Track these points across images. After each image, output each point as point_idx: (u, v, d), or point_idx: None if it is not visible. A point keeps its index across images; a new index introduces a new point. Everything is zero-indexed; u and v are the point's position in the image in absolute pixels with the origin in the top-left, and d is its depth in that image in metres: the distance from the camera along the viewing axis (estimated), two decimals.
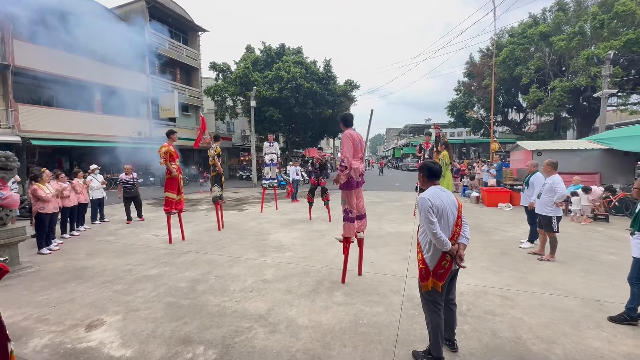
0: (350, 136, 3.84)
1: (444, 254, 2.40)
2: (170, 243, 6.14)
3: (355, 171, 3.85)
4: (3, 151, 4.84)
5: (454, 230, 2.44)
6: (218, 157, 7.09)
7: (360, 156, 3.98)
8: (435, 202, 2.41)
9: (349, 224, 4.08)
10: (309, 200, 8.48)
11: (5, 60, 13.45)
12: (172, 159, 6.12)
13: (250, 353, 2.67)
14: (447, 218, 2.43)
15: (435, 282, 2.43)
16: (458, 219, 2.47)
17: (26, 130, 13.95)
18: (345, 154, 3.80)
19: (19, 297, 3.84)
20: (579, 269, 4.51)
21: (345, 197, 4.03)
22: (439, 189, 2.51)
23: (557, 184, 4.78)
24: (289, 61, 20.90)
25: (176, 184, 6.23)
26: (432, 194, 2.45)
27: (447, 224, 2.43)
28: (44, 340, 2.92)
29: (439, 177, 2.58)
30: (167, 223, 6.32)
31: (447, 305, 2.59)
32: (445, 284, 2.47)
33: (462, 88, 28.66)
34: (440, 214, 2.40)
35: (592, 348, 2.68)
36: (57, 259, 5.41)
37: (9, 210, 4.89)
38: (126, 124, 18.50)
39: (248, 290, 3.92)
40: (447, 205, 2.43)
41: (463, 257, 2.42)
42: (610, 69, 14.24)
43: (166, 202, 6.22)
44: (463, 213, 2.52)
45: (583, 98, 20.85)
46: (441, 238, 2.33)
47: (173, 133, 6.29)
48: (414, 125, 53.65)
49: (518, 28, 23.33)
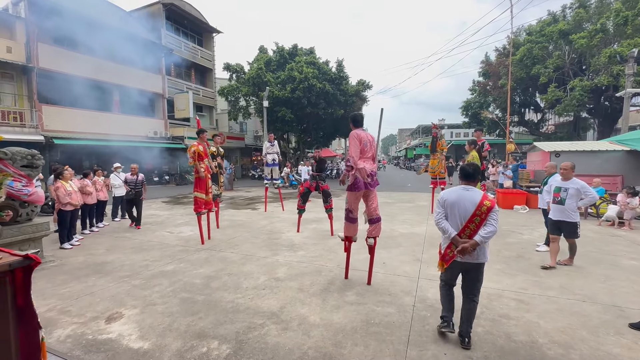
0: (357, 136, 3.77)
1: (451, 243, 2.74)
2: (203, 244, 6.04)
3: (362, 172, 3.71)
4: (29, 150, 5.07)
5: (465, 226, 2.68)
6: (214, 158, 6.85)
7: (369, 156, 3.88)
8: (449, 196, 2.77)
9: (348, 224, 4.05)
10: (299, 207, 6.89)
11: (30, 63, 14.03)
12: (201, 159, 6.04)
13: (263, 349, 2.72)
14: (456, 212, 2.72)
15: (443, 264, 2.86)
16: (474, 217, 2.65)
17: (49, 130, 14.52)
18: (350, 154, 3.75)
19: (43, 290, 4.01)
20: (599, 274, 4.38)
21: (349, 198, 3.97)
22: (461, 188, 2.79)
23: (587, 188, 4.52)
24: (302, 62, 20.99)
25: (204, 184, 6.09)
26: (451, 190, 2.83)
27: (455, 217, 2.72)
28: (67, 331, 3.05)
29: (469, 179, 2.81)
30: (198, 223, 6.13)
31: (467, 297, 2.80)
32: (451, 270, 2.83)
33: (477, 88, 28.12)
34: (449, 207, 2.75)
35: (611, 355, 2.61)
36: (78, 253, 5.62)
37: (34, 206, 5.11)
38: (143, 124, 19.01)
39: (261, 288, 3.98)
40: (461, 202, 2.70)
41: (464, 251, 2.62)
42: (634, 68, 13.71)
43: (195, 202, 6.08)
44: (492, 215, 2.63)
45: (604, 98, 20.15)
46: (440, 225, 2.76)
47: (203, 132, 6.24)
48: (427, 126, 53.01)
49: (536, 26, 22.74)
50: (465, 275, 2.81)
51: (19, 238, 4.78)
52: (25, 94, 14.26)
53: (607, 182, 9.10)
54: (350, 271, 4.35)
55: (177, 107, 21.53)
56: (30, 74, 14.18)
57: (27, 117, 14.11)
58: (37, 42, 14.31)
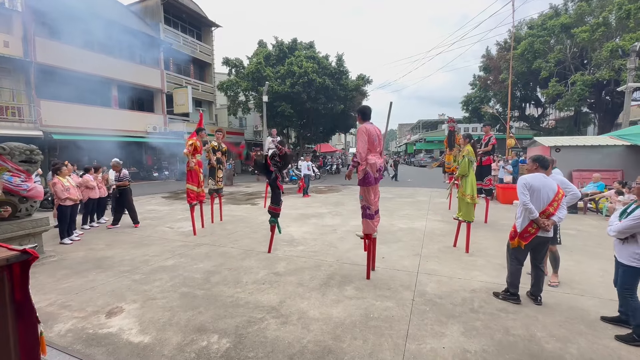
0: (366, 130, 3.75)
1: (531, 222, 3.17)
2: (195, 235, 6.31)
3: (372, 166, 3.74)
4: (27, 145, 5.05)
5: (546, 209, 3.16)
6: (215, 152, 7.09)
7: (378, 151, 3.88)
8: (533, 182, 3.21)
9: (367, 221, 4.04)
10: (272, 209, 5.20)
11: (28, 57, 13.92)
12: (195, 153, 6.37)
13: (263, 343, 2.73)
14: (539, 196, 3.18)
15: (521, 242, 3.27)
16: (553, 202, 3.16)
17: (48, 125, 14.46)
18: (358, 149, 3.75)
19: (44, 284, 4.03)
20: (597, 269, 4.39)
21: (363, 194, 3.97)
22: (542, 176, 3.27)
23: (567, 184, 3.67)
24: (301, 56, 20.83)
25: (197, 177, 6.45)
26: (532, 177, 3.27)
27: (540, 201, 3.17)
28: (67, 325, 3.06)
29: (546, 168, 3.37)
30: (191, 214, 6.44)
31: (536, 265, 3.37)
32: (529, 246, 3.28)
33: (477, 82, 28.01)
34: (533, 191, 3.19)
35: (609, 348, 2.63)
36: (78, 249, 5.63)
37: (33, 202, 5.10)
38: (141, 119, 18.94)
39: (260, 283, 3.99)
40: (543, 188, 3.18)
41: (548, 227, 3.14)
42: (635, 62, 13.59)
43: (187, 194, 6.45)
44: (563, 201, 3.23)
45: (606, 92, 20.06)
46: (528, 206, 3.14)
47: (201, 131, 6.56)
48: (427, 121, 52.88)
49: (538, 20, 22.55)
50: (535, 248, 3.32)
51: (19, 233, 4.78)
52: (24, 89, 14.18)
53: (607, 177, 9.09)
54: (350, 265, 4.36)
55: (176, 102, 21.44)
56: (28, 68, 14.08)
57: (25, 112, 14.04)
58: (35, 37, 14.18)
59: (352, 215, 8.13)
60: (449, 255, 4.98)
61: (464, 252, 5.10)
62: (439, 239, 5.90)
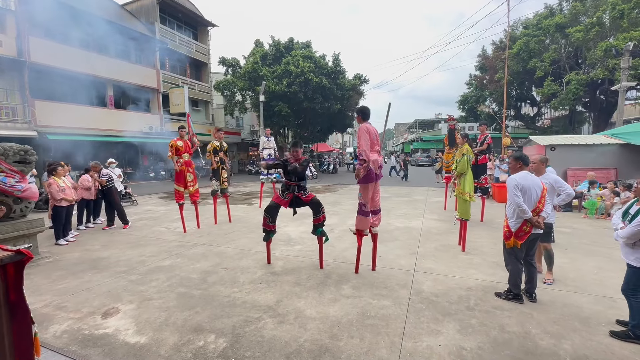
0: (367, 129, 3.85)
1: (525, 221, 3.21)
2: (185, 232, 6.48)
3: (374, 163, 3.84)
4: (22, 145, 5.00)
5: (536, 206, 3.23)
6: (216, 153, 7.09)
7: (377, 149, 3.99)
8: (524, 182, 3.23)
9: (362, 218, 4.07)
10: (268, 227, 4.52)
11: (22, 57, 13.78)
12: (179, 153, 6.41)
13: (260, 342, 2.74)
14: (530, 195, 3.24)
15: (516, 241, 3.30)
16: (541, 198, 3.25)
17: (42, 126, 14.33)
18: (362, 147, 3.79)
19: (39, 286, 4.00)
20: (592, 266, 4.43)
21: (362, 191, 4.01)
22: (527, 174, 3.33)
23: (561, 182, 3.73)
24: (298, 55, 20.82)
25: (182, 178, 6.54)
26: (521, 177, 3.29)
27: (531, 199, 3.23)
28: (63, 326, 3.05)
29: (528, 165, 3.42)
30: (180, 212, 6.66)
31: (528, 262, 3.43)
32: (525, 244, 3.31)
33: (473, 82, 28.10)
34: (525, 192, 3.23)
35: (603, 344, 2.66)
36: (73, 249, 5.59)
37: (28, 202, 5.06)
38: (138, 119, 18.81)
39: (257, 282, 3.99)
40: (532, 186, 3.25)
41: (541, 225, 3.22)
42: (629, 61, 13.75)
43: (175, 193, 6.66)
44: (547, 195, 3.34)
45: (600, 91, 20.21)
46: (522, 207, 3.15)
47: (181, 128, 6.60)
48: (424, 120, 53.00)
49: (533, 19, 22.66)
50: (528, 245, 3.37)
51: (13, 234, 4.74)
52: (18, 89, 14.04)
53: (601, 176, 9.16)
54: (346, 264, 4.37)
55: (173, 101, 21.31)
56: (22, 68, 13.94)
57: (19, 112, 13.90)
58: (29, 36, 14.04)
59: (349, 214, 8.14)
60: (445, 254, 5.01)
61: (460, 251, 5.13)
62: (436, 238, 5.93)
